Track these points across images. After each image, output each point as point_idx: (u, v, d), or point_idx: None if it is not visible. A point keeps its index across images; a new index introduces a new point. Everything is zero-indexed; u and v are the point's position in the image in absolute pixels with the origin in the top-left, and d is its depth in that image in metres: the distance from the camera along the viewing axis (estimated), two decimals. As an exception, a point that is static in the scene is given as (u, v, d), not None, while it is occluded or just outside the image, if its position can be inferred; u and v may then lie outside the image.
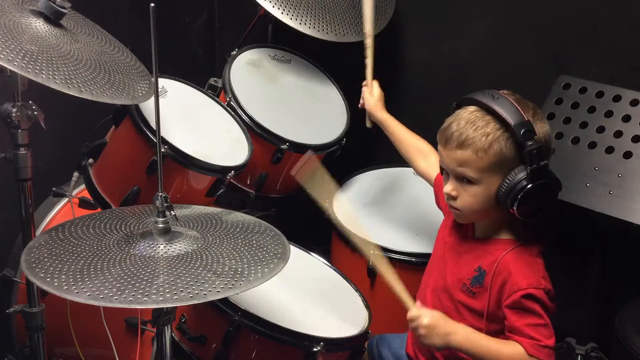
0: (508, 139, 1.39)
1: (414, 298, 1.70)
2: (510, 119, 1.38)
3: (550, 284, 1.44)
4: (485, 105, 1.41)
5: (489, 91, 1.44)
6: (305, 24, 2.09)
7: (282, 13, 2.06)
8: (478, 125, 1.41)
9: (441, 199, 1.72)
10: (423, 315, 1.43)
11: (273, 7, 2.06)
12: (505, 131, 1.39)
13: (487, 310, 1.46)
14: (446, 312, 1.53)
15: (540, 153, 1.38)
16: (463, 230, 1.57)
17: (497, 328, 1.47)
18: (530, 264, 1.45)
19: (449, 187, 1.49)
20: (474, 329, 1.47)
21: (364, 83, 1.95)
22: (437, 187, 1.74)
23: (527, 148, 1.37)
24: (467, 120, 1.43)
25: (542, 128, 1.42)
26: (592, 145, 1.77)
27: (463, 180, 1.45)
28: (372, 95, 1.92)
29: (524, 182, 1.39)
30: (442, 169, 1.52)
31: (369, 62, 1.94)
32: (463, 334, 1.44)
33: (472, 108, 1.45)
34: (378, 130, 1.94)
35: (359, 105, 1.98)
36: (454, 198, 1.48)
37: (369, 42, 1.93)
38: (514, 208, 1.40)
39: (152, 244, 1.25)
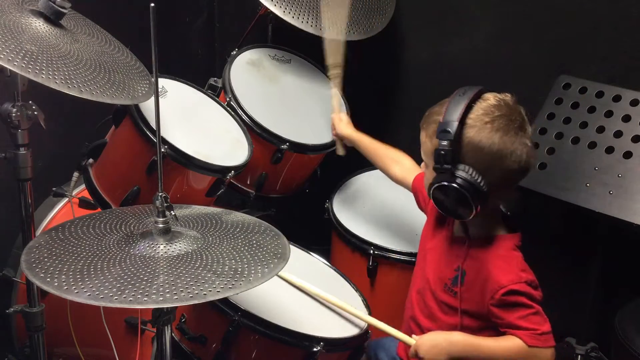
0: None
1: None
2: (445, 116, 1.39)
3: (531, 274, 1.46)
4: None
5: (473, 87, 1.44)
6: (307, 22, 2.08)
7: (284, 12, 2.06)
8: (438, 113, 1.44)
9: (421, 201, 1.74)
10: (419, 345, 1.49)
11: (275, 5, 2.06)
12: None
13: (469, 309, 1.48)
14: (430, 311, 1.56)
15: (449, 156, 1.37)
16: (443, 229, 1.59)
17: (481, 324, 1.49)
18: (507, 260, 1.46)
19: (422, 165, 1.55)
20: (458, 326, 1.50)
21: (333, 115, 2.03)
22: (415, 189, 1.76)
23: (439, 147, 1.38)
24: (439, 105, 1.46)
25: (485, 136, 1.38)
26: (592, 145, 1.77)
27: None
28: (341, 120, 2.00)
29: (431, 179, 1.42)
30: None
31: (336, 91, 1.98)
32: (460, 342, 1.47)
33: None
34: (377, 130, 1.95)
35: (332, 135, 2.05)
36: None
37: (334, 72, 1.96)
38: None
39: (152, 244, 1.25)
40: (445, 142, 1.37)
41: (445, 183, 1.38)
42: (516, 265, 1.45)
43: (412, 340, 1.52)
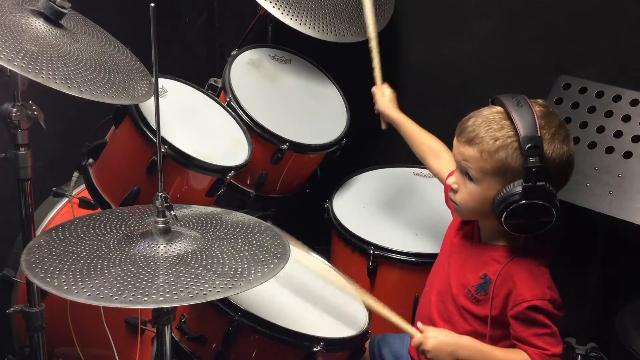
0: (516, 149, 1.36)
1: (418, 299, 1.70)
2: (522, 130, 1.35)
3: (556, 293, 1.44)
4: (507, 110, 1.39)
5: (518, 96, 1.41)
6: (305, 24, 2.09)
7: (282, 13, 2.06)
8: (491, 127, 1.39)
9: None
10: (427, 339, 1.45)
11: (273, 7, 2.06)
12: (516, 141, 1.36)
13: (490, 317, 1.46)
14: (450, 316, 1.54)
15: (542, 172, 1.34)
16: (469, 233, 1.56)
17: (501, 333, 1.47)
18: (535, 274, 1.44)
19: (452, 179, 1.50)
20: (478, 334, 1.48)
21: (374, 87, 1.94)
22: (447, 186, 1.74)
23: (527, 163, 1.34)
24: (484, 119, 1.41)
25: (557, 149, 1.38)
26: (592, 145, 1.77)
27: (466, 175, 1.45)
28: (384, 96, 1.91)
29: (517, 197, 1.36)
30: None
31: (376, 64, 1.94)
32: (468, 346, 1.45)
33: (496, 109, 1.43)
34: (377, 130, 1.94)
35: (375, 112, 1.95)
36: (455, 191, 1.49)
37: (373, 44, 1.93)
38: (502, 220, 1.38)
39: (152, 244, 1.25)
40: (535, 159, 1.34)
41: (541, 202, 1.35)
42: (543, 282, 1.43)
43: (416, 332, 1.48)
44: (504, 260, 1.46)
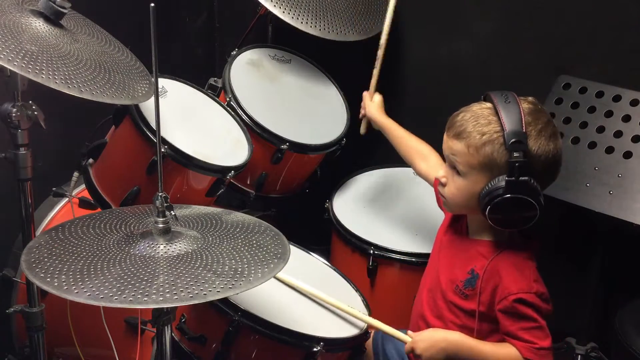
0: (502, 144, 1.38)
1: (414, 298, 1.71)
2: (507, 125, 1.37)
3: (542, 287, 1.45)
4: (495, 105, 1.41)
5: (508, 93, 1.43)
6: (307, 22, 2.08)
7: (283, 12, 2.06)
8: (479, 123, 1.41)
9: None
10: (416, 342, 1.48)
11: (274, 6, 2.06)
12: (502, 136, 1.38)
13: (478, 312, 1.48)
14: (440, 311, 1.56)
15: (525, 168, 1.36)
16: (458, 229, 1.58)
17: (489, 328, 1.49)
18: (521, 268, 1.45)
19: (441, 173, 1.52)
20: (468, 328, 1.49)
21: (365, 92, 1.96)
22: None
23: (511, 158, 1.36)
24: (472, 114, 1.43)
25: (543, 146, 1.39)
26: (592, 145, 1.77)
27: (454, 169, 1.47)
28: (373, 101, 1.93)
29: (500, 191, 1.38)
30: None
31: (376, 72, 1.95)
32: (457, 341, 1.47)
33: (486, 104, 1.45)
34: (377, 130, 1.94)
35: (360, 116, 1.98)
36: (444, 185, 1.51)
37: (380, 53, 1.94)
38: (486, 214, 1.40)
39: (152, 244, 1.25)
40: (518, 154, 1.36)
41: (524, 197, 1.36)
42: (529, 275, 1.44)
43: (407, 337, 1.51)
44: (490, 255, 1.48)
